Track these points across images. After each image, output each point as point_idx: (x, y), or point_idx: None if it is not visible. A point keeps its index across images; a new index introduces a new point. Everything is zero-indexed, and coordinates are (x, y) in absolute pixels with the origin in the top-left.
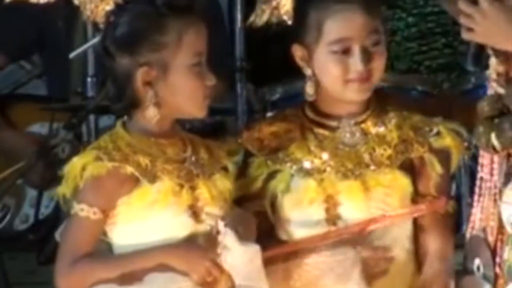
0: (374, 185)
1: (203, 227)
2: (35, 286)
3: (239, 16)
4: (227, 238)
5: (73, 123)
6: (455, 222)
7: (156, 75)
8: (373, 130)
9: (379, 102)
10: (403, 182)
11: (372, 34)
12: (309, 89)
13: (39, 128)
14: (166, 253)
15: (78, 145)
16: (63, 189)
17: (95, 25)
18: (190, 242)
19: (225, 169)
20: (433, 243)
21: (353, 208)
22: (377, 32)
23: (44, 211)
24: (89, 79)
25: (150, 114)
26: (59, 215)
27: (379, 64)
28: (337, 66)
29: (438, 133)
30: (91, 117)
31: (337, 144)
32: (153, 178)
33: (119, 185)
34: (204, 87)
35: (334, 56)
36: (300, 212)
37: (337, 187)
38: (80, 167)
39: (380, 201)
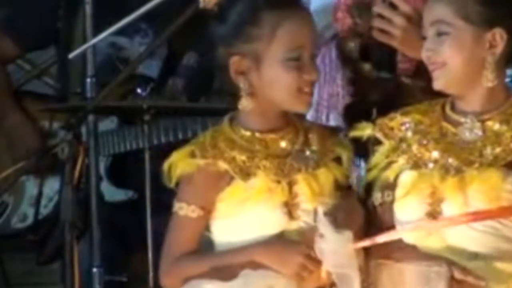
0: (475, 184)
1: (297, 224)
2: (34, 287)
3: None
4: (321, 225)
5: (72, 123)
6: None
7: (249, 65)
8: (494, 128)
9: None
10: (505, 182)
11: None
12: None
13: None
14: (258, 251)
15: (77, 146)
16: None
17: (95, 25)
18: (282, 239)
19: (338, 159)
20: None
21: (454, 206)
22: None
23: (43, 211)
24: (88, 80)
25: (244, 104)
26: (58, 215)
27: None
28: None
29: None
30: (91, 118)
31: (455, 140)
32: (247, 175)
33: (212, 182)
34: (300, 81)
35: None
36: (403, 204)
37: (441, 183)
38: (173, 163)
39: (479, 200)
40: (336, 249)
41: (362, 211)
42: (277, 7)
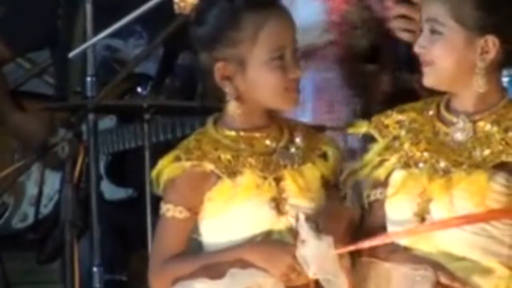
0: (462, 184)
1: (286, 219)
2: (34, 286)
3: None
4: (302, 231)
5: (72, 122)
6: None
7: (234, 70)
8: (485, 129)
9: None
10: (493, 182)
11: None
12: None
13: None
14: (247, 250)
15: (77, 144)
16: (156, 191)
17: (95, 24)
18: (271, 239)
19: (324, 155)
20: None
21: (441, 206)
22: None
23: (43, 210)
24: (88, 79)
25: (232, 108)
26: (58, 214)
27: None
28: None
29: None
30: (91, 117)
31: (446, 140)
32: (233, 174)
33: (199, 183)
34: (285, 81)
35: None
36: (393, 203)
37: (429, 183)
38: (160, 169)
39: (465, 201)
40: (318, 255)
41: (348, 214)
42: (257, 8)
